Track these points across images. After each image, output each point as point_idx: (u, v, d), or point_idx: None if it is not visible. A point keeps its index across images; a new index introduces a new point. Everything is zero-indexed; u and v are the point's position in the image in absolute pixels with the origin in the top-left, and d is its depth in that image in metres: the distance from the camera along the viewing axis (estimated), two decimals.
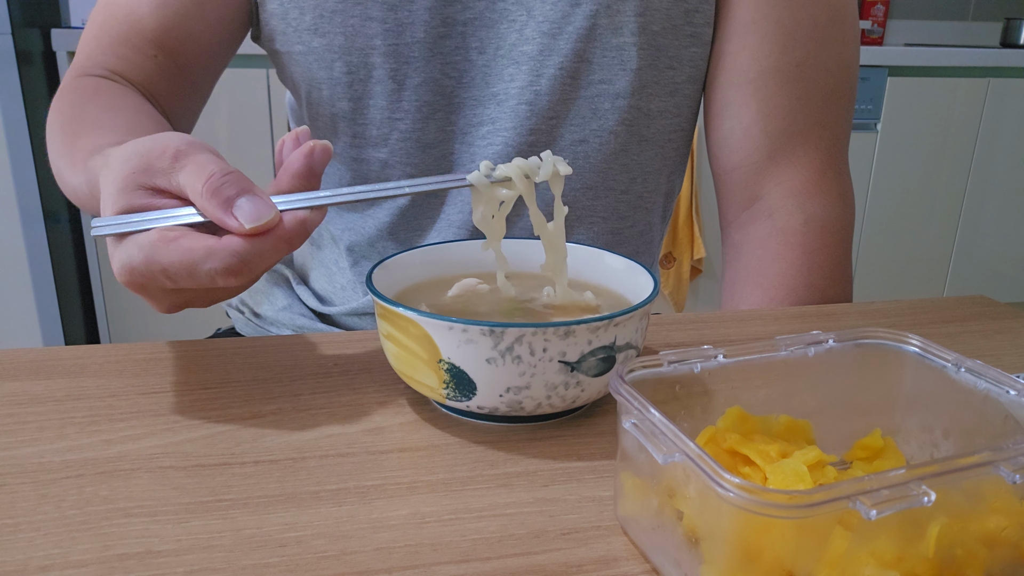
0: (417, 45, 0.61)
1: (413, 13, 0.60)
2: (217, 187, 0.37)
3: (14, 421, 0.41)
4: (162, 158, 0.39)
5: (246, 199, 0.37)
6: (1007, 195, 2.41)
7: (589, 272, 0.49)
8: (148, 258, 0.37)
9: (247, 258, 0.37)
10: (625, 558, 0.31)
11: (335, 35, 0.61)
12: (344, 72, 0.62)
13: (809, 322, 0.57)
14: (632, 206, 0.69)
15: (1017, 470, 0.26)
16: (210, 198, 0.37)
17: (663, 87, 0.65)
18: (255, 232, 0.37)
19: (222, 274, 0.37)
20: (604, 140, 0.65)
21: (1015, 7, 2.76)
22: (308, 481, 0.36)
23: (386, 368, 0.47)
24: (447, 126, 0.64)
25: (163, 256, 0.37)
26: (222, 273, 0.37)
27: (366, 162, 0.66)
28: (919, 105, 2.25)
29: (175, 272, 0.37)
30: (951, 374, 0.34)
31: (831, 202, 0.66)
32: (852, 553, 0.26)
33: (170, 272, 0.37)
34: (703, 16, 0.64)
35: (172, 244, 0.37)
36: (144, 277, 0.38)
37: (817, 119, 0.65)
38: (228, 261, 0.37)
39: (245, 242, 0.37)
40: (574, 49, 0.61)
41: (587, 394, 0.39)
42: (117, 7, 0.64)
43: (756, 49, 0.63)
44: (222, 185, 0.37)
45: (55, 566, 0.30)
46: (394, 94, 0.62)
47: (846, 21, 0.65)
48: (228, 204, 0.37)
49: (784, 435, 0.34)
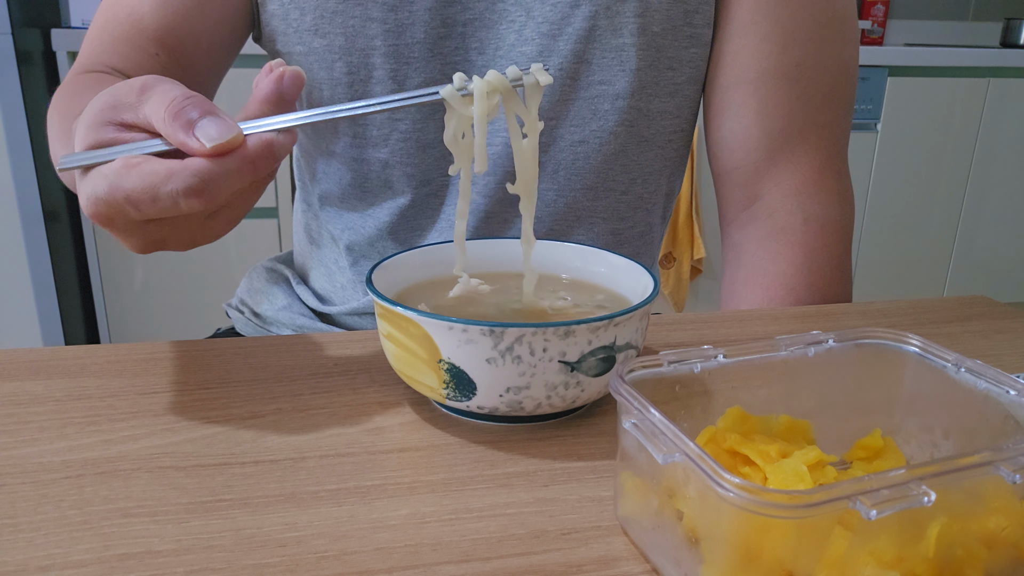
0: (417, 46, 0.61)
1: (413, 14, 0.60)
2: (179, 109, 0.37)
3: (14, 421, 0.41)
4: (129, 93, 0.39)
5: (208, 119, 0.37)
6: (1007, 195, 2.41)
7: (589, 272, 0.49)
8: (111, 185, 0.37)
9: (208, 178, 0.36)
10: (625, 558, 0.31)
11: (336, 36, 0.61)
12: (345, 73, 0.62)
13: (809, 322, 0.57)
14: (632, 207, 0.69)
15: (1017, 470, 0.26)
16: (172, 121, 0.37)
17: (663, 88, 0.65)
18: (217, 152, 0.36)
19: (184, 195, 0.36)
20: (604, 141, 0.65)
21: (1015, 7, 2.76)
22: (308, 481, 0.36)
23: (386, 368, 0.47)
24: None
25: (125, 182, 0.36)
26: (184, 194, 0.36)
27: (367, 162, 0.66)
28: (919, 105, 2.25)
29: (138, 197, 0.36)
30: (951, 374, 0.34)
31: (830, 202, 0.66)
32: (852, 553, 0.26)
33: (133, 198, 0.36)
34: (703, 17, 0.64)
35: (134, 169, 0.36)
36: (109, 207, 0.37)
37: (816, 119, 0.65)
38: (189, 181, 0.36)
39: (207, 162, 0.36)
40: (573, 50, 0.61)
41: (587, 394, 0.39)
42: (119, 7, 0.64)
43: (755, 49, 0.63)
44: (183, 107, 0.37)
45: (55, 566, 0.30)
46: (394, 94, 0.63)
47: (845, 21, 0.65)
48: (190, 126, 0.37)
49: (784, 435, 0.34)
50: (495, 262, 0.50)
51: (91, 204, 0.38)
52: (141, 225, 0.39)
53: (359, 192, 0.67)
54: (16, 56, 1.74)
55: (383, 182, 0.66)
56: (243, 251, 1.98)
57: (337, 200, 0.69)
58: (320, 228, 0.73)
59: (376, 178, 0.66)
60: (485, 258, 0.50)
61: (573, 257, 0.50)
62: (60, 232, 1.93)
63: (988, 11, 2.77)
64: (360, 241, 0.69)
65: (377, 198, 0.67)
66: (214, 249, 1.96)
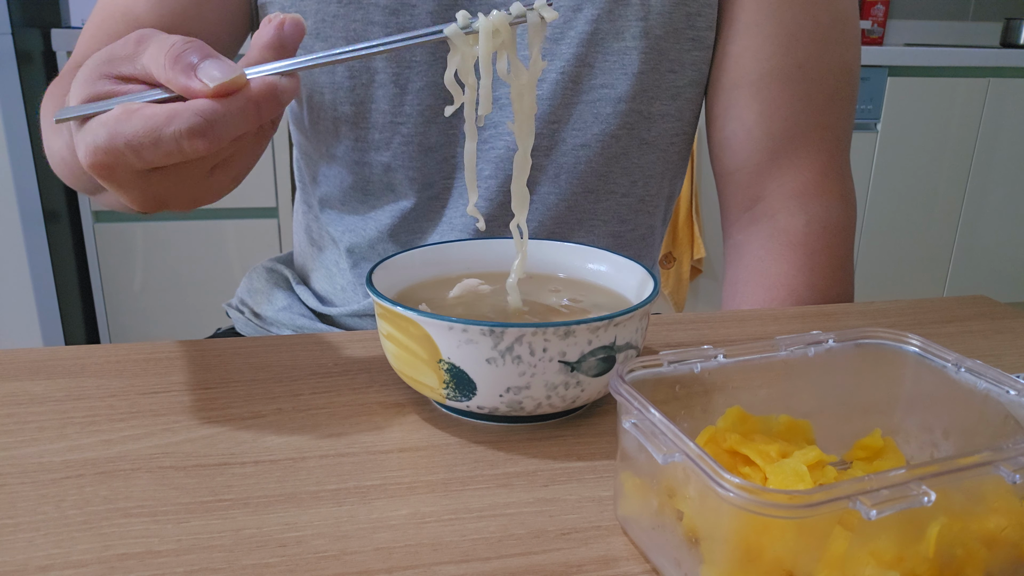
0: (419, 49, 0.61)
1: (415, 18, 0.60)
2: (179, 54, 0.36)
3: (14, 421, 0.41)
4: (126, 45, 0.38)
5: (210, 61, 0.36)
6: (1007, 195, 2.41)
7: (589, 271, 0.49)
8: (111, 132, 0.36)
9: (212, 118, 0.35)
10: (625, 558, 0.31)
11: (337, 40, 0.61)
12: (346, 77, 0.62)
13: (809, 322, 0.57)
14: (633, 209, 0.69)
15: (1017, 470, 0.26)
16: (172, 66, 0.36)
17: (664, 90, 0.65)
18: (221, 92, 0.36)
19: (187, 136, 0.35)
20: (606, 144, 0.65)
21: (1015, 7, 2.76)
22: (308, 481, 0.36)
23: (386, 368, 0.47)
24: (449, 130, 0.64)
25: (126, 127, 0.35)
26: (187, 135, 0.35)
27: (369, 165, 0.66)
28: (919, 105, 2.25)
29: (139, 142, 0.35)
30: (951, 374, 0.34)
31: (833, 203, 0.66)
32: (852, 553, 0.26)
33: (134, 143, 0.35)
34: (705, 20, 0.63)
35: (135, 114, 0.36)
36: (109, 155, 0.36)
37: (819, 121, 0.65)
38: (192, 121, 0.35)
39: (210, 102, 0.36)
40: (576, 54, 0.61)
41: (587, 394, 0.39)
42: (115, 5, 0.63)
43: (758, 51, 0.63)
44: (184, 52, 0.36)
45: (55, 566, 0.30)
46: (396, 98, 0.63)
47: (848, 23, 0.65)
48: (191, 69, 0.36)
49: (784, 435, 0.34)
50: (495, 262, 0.50)
51: (90, 154, 0.37)
52: (143, 176, 0.38)
53: (360, 195, 0.67)
54: (16, 56, 1.74)
55: (385, 185, 0.66)
56: (243, 251, 1.98)
57: (338, 203, 0.69)
58: (321, 230, 0.73)
59: (378, 181, 0.66)
60: (485, 258, 0.50)
61: (573, 257, 0.50)
62: (60, 232, 1.93)
63: (988, 11, 2.77)
64: (361, 243, 0.69)
65: (379, 201, 0.67)
66: (214, 249, 1.96)
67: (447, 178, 0.66)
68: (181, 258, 1.96)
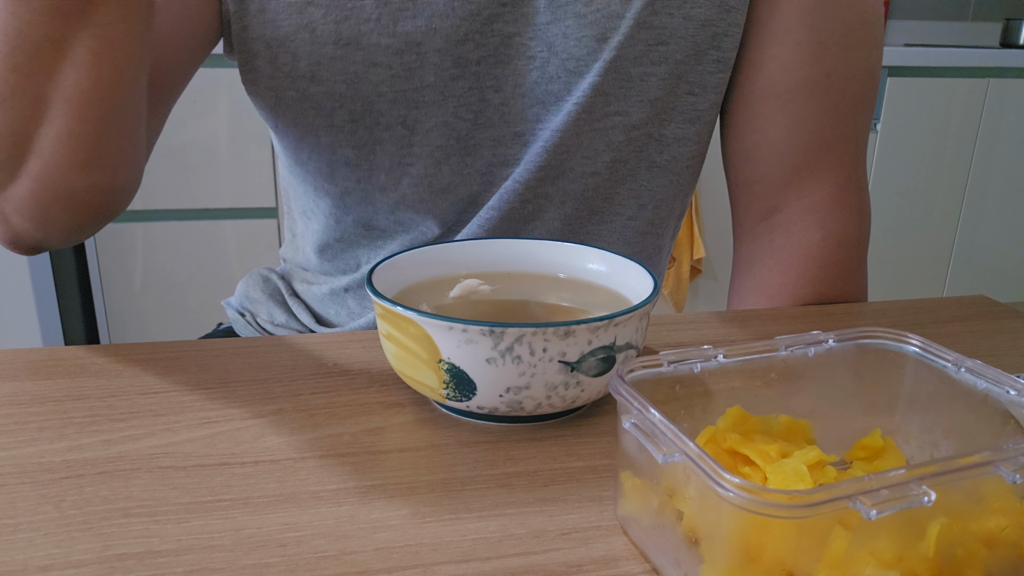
0: (427, 89, 0.57)
1: (422, 56, 0.56)
2: None
3: (14, 421, 0.41)
4: None
5: None
6: (1007, 195, 2.41)
7: (589, 271, 0.49)
8: None
9: None
10: (625, 558, 0.31)
11: (335, 83, 0.57)
12: (348, 120, 0.58)
13: (809, 322, 0.57)
14: (640, 232, 0.67)
15: (1017, 470, 0.26)
16: None
17: (682, 114, 0.62)
18: None
19: None
20: (614, 170, 0.62)
21: (1015, 7, 2.76)
22: (308, 481, 0.36)
23: (386, 368, 0.47)
24: (463, 168, 0.61)
25: None
26: None
27: (373, 204, 0.63)
28: (919, 105, 2.25)
29: None
30: (951, 374, 0.34)
31: (850, 219, 0.64)
32: (852, 553, 0.26)
33: None
34: (732, 40, 0.60)
35: None
36: None
37: (843, 132, 0.63)
38: None
39: None
40: (593, 83, 0.58)
41: (587, 394, 0.39)
42: None
43: (787, 60, 0.60)
44: None
45: (55, 566, 0.30)
46: (404, 139, 0.59)
47: (875, 23, 0.63)
48: None
49: (784, 435, 0.34)
50: (495, 262, 0.50)
51: None
52: None
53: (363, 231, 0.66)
54: None
55: (394, 221, 0.64)
56: (243, 251, 1.98)
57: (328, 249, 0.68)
58: (315, 272, 0.72)
59: (386, 217, 0.64)
60: (485, 258, 0.50)
61: (573, 257, 0.50)
62: None
63: (988, 11, 2.77)
64: (359, 278, 0.68)
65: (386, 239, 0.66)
66: (214, 249, 1.96)
67: (461, 217, 0.63)
68: (181, 258, 1.96)
